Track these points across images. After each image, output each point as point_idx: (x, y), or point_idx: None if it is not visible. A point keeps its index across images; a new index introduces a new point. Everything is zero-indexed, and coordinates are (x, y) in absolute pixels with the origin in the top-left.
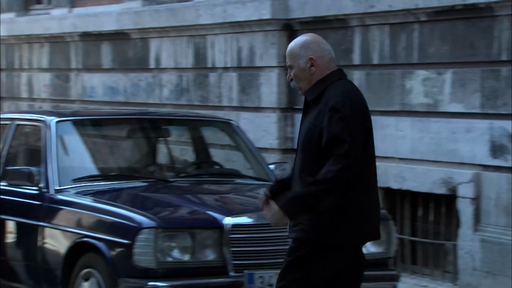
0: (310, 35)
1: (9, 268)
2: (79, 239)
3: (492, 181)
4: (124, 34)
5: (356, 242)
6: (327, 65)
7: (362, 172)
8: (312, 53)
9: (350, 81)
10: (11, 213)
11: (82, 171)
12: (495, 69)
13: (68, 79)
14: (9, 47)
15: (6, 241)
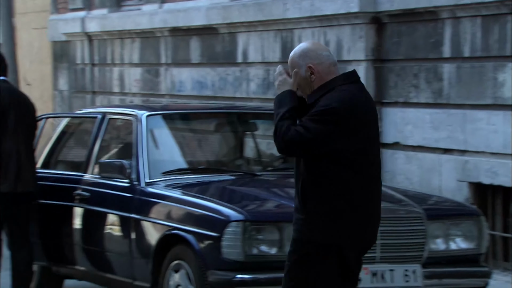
0: (309, 42)
1: (102, 259)
2: (169, 231)
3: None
4: (213, 29)
5: (353, 243)
6: (327, 71)
7: (364, 177)
8: (310, 61)
9: (356, 86)
10: (104, 205)
11: (171, 164)
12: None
13: (158, 73)
14: (102, 42)
15: (99, 232)
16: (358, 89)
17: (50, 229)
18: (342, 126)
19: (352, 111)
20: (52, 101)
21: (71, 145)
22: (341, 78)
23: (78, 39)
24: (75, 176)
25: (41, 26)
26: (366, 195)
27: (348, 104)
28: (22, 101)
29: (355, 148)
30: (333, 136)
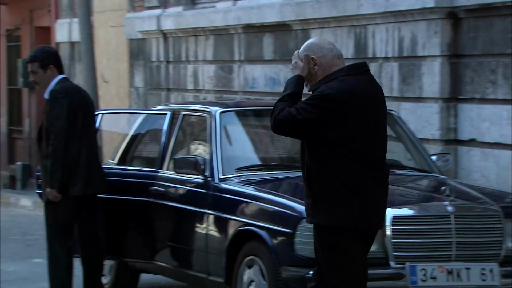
0: (314, 37)
1: (176, 253)
2: (242, 227)
3: None
4: (286, 26)
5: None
6: (331, 62)
7: (362, 164)
8: (313, 54)
9: (360, 77)
10: (178, 201)
11: (244, 161)
12: None
13: (231, 70)
14: (177, 40)
15: (174, 228)
16: (362, 81)
17: (126, 224)
18: (335, 113)
19: (347, 100)
20: (128, 98)
21: (147, 142)
22: (345, 69)
23: (153, 36)
24: (150, 172)
25: (118, 24)
26: (367, 182)
27: (343, 93)
28: (87, 99)
29: (349, 136)
30: (324, 122)
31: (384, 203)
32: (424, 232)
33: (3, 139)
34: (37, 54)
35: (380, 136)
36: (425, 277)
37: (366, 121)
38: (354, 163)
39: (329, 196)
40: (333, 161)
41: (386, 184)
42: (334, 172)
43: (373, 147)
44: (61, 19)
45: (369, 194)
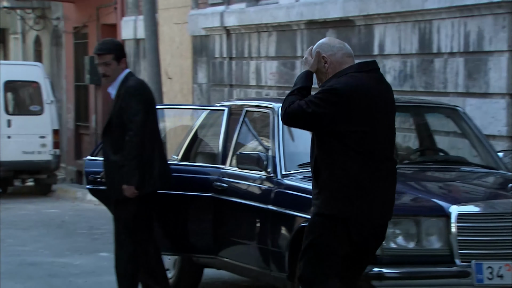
0: (325, 38)
1: (239, 249)
2: (305, 223)
3: None
4: (349, 21)
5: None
6: (341, 60)
7: (369, 157)
8: (323, 52)
9: (369, 74)
10: (241, 196)
11: (307, 157)
12: None
13: (294, 66)
14: (239, 36)
15: (236, 223)
16: (370, 78)
17: (189, 220)
18: (342, 107)
19: (355, 95)
20: (192, 95)
21: (210, 137)
22: (354, 66)
23: (216, 33)
24: (213, 168)
25: (182, 21)
26: (372, 175)
27: (350, 88)
28: (153, 95)
29: (356, 130)
30: (332, 115)
31: (389, 196)
32: (490, 229)
33: (70, 135)
34: (111, 46)
35: (387, 131)
36: (492, 275)
37: (372, 116)
38: (360, 156)
39: (334, 188)
40: (339, 154)
41: (392, 177)
42: (339, 164)
43: (380, 142)
44: (127, 16)
45: (373, 187)
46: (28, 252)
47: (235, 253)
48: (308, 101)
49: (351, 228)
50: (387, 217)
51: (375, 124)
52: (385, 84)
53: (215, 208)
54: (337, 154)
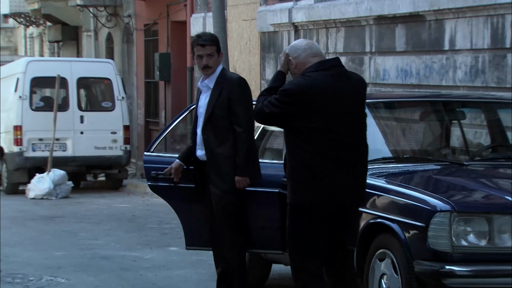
0: (297, 40)
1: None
2: (374, 220)
3: None
4: (419, 16)
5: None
6: (305, 61)
7: (328, 150)
8: (290, 55)
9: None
10: None
11: (375, 153)
12: None
13: (362, 62)
14: (307, 32)
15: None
16: (327, 75)
17: (257, 216)
18: (295, 106)
19: (307, 93)
20: (259, 91)
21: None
22: (314, 66)
23: (285, 29)
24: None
25: (250, 18)
26: (327, 165)
27: (302, 88)
28: None
29: (310, 125)
30: (286, 114)
31: (348, 183)
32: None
33: (140, 131)
34: (214, 38)
35: (347, 124)
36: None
37: (327, 112)
38: (315, 148)
39: (294, 178)
40: (297, 147)
41: (351, 167)
42: (297, 157)
43: (336, 135)
44: (196, 13)
45: (328, 177)
46: (100, 246)
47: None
48: (268, 102)
49: (313, 215)
50: (348, 203)
51: (331, 119)
52: (349, 80)
53: (282, 204)
54: (296, 147)
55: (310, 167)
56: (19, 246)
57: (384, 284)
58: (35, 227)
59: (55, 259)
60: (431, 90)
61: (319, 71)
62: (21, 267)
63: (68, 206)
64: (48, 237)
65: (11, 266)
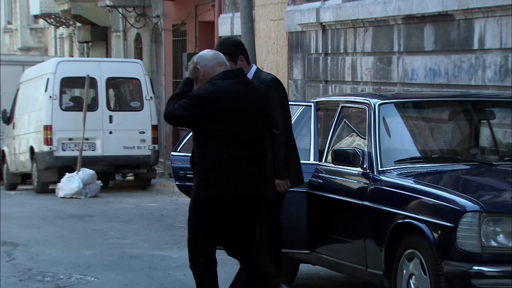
0: (204, 50)
1: (335, 245)
2: (402, 220)
3: None
4: (448, 16)
5: (219, 198)
6: (211, 70)
7: (228, 149)
8: (198, 63)
9: (231, 80)
10: (336, 192)
11: (403, 153)
12: None
13: (390, 62)
14: (335, 32)
15: (332, 219)
16: (232, 83)
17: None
18: (202, 109)
19: (211, 99)
20: (287, 91)
21: (304, 134)
22: (220, 74)
23: (312, 29)
24: (308, 164)
25: (278, 18)
26: (229, 162)
27: (209, 93)
28: None
29: (215, 127)
30: (194, 117)
31: (250, 179)
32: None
33: (168, 130)
34: (223, 47)
35: (249, 126)
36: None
37: (229, 115)
38: (219, 146)
39: (201, 173)
40: (204, 146)
41: (253, 164)
42: (203, 155)
43: (238, 135)
44: (224, 13)
45: (230, 173)
46: (128, 245)
47: (330, 248)
48: (178, 105)
49: (215, 207)
50: (250, 195)
51: (233, 121)
52: (250, 88)
53: (310, 203)
54: (202, 146)
55: (215, 163)
56: (49, 245)
57: (412, 284)
58: (64, 226)
59: (84, 258)
60: (460, 89)
61: (224, 79)
62: (51, 266)
63: (97, 205)
64: (78, 236)
65: (41, 265)
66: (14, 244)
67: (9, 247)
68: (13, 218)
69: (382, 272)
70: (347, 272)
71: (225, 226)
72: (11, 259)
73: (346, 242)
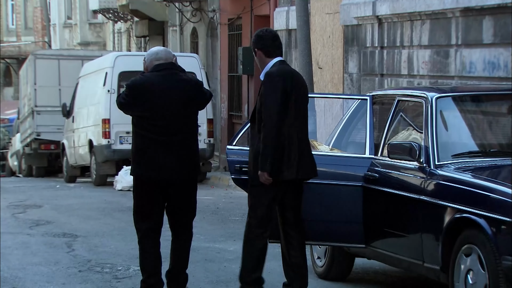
0: None
1: (391, 239)
2: (460, 214)
3: None
4: (507, 8)
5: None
6: (150, 64)
7: (153, 133)
8: (144, 58)
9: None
10: (392, 187)
11: (461, 147)
12: None
13: (448, 55)
14: (391, 25)
15: (388, 213)
16: (158, 76)
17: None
18: (131, 98)
19: (138, 89)
20: (342, 84)
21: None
22: (152, 68)
23: (368, 22)
24: (364, 158)
25: (333, 11)
26: (152, 147)
27: (135, 84)
28: (301, 84)
29: (140, 114)
30: (127, 105)
31: (171, 161)
32: None
33: (224, 124)
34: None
35: (171, 116)
36: None
37: (153, 104)
38: (144, 132)
39: (133, 155)
40: (134, 131)
41: (178, 148)
42: (134, 138)
43: (161, 122)
44: (279, 7)
45: (153, 155)
46: None
47: (386, 243)
48: (121, 94)
49: (144, 185)
50: (170, 177)
51: (156, 110)
52: (177, 81)
53: (365, 197)
54: (135, 132)
55: (143, 148)
56: (108, 237)
57: (470, 279)
58: (122, 218)
59: None
60: None
61: (153, 72)
62: (109, 257)
63: None
64: None
65: (100, 256)
66: (73, 235)
67: (69, 238)
68: (73, 210)
69: (439, 267)
70: (403, 266)
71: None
72: (71, 250)
73: (402, 236)
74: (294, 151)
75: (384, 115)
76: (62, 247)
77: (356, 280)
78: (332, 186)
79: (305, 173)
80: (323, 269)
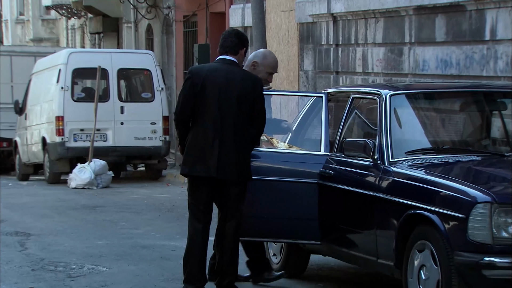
0: None
1: (346, 236)
2: (413, 211)
3: None
4: (459, 6)
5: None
6: None
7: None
8: None
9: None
10: (347, 183)
11: (414, 144)
12: None
13: (401, 53)
14: (346, 23)
15: (342, 210)
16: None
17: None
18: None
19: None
20: (298, 82)
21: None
22: None
23: (323, 20)
24: (318, 155)
25: (289, 9)
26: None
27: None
28: (216, 80)
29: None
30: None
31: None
32: None
33: None
34: None
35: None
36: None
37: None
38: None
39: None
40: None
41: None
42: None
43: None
44: (235, 4)
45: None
46: (140, 235)
47: (341, 239)
48: None
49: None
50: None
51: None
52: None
53: (321, 194)
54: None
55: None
56: (62, 235)
57: (423, 275)
58: (77, 216)
59: (96, 248)
60: (472, 80)
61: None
62: (63, 256)
63: (108, 195)
64: (90, 226)
65: (53, 255)
66: (26, 234)
67: (22, 237)
68: (26, 209)
69: (393, 263)
70: (358, 263)
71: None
72: (24, 249)
73: (357, 233)
74: (213, 151)
75: (339, 112)
76: (14, 246)
77: (311, 277)
78: (288, 183)
79: (222, 174)
80: (278, 266)
